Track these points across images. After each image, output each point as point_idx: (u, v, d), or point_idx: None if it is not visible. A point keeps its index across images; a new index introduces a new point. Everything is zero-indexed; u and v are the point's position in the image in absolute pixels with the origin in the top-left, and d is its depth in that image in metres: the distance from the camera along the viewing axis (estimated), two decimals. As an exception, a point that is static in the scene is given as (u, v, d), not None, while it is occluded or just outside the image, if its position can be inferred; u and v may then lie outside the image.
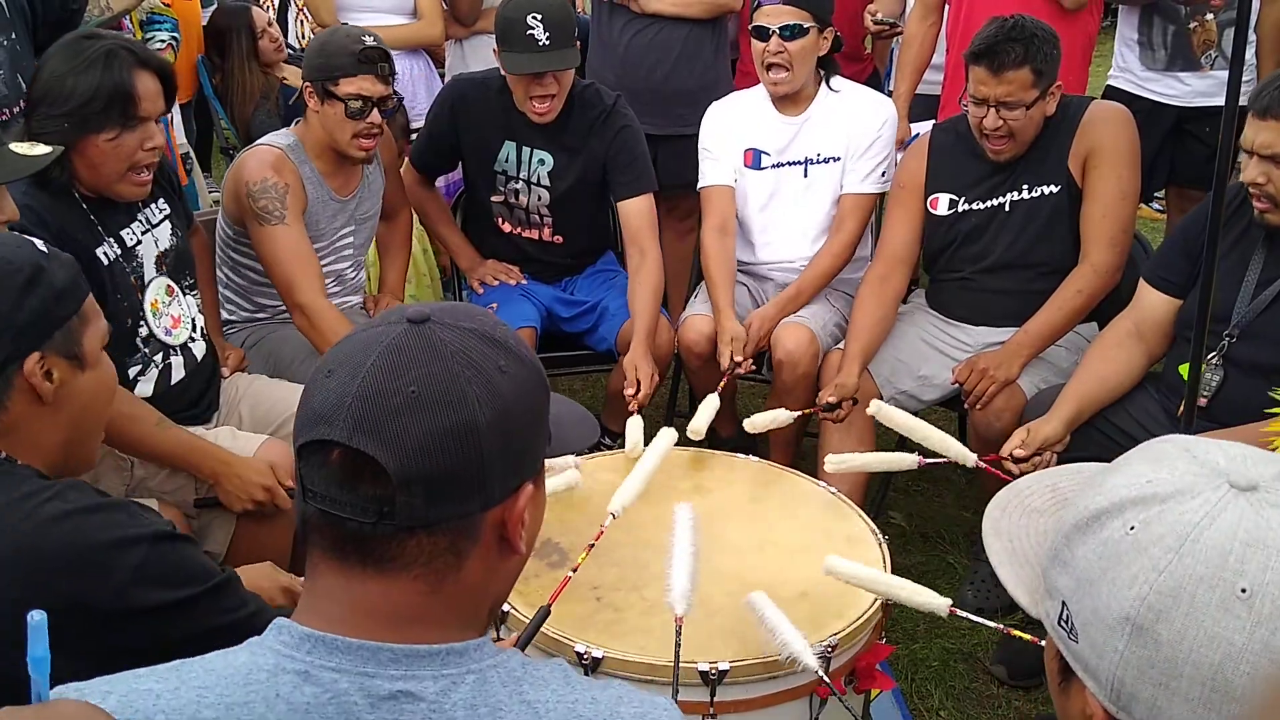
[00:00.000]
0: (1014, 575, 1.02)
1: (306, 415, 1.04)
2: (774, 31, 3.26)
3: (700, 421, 2.70)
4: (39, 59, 2.55)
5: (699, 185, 3.52)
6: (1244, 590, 0.82)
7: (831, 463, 2.45)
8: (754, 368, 3.20)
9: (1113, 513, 0.90)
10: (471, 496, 1.03)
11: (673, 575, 1.89)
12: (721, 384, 2.97)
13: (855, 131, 3.38)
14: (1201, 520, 0.85)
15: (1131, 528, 0.88)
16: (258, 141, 3.14)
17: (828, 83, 3.41)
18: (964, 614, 2.05)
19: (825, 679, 1.89)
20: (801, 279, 3.40)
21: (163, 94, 2.46)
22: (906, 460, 2.48)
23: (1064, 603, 0.92)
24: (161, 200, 2.67)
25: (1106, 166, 3.03)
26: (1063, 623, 0.92)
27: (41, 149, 2.09)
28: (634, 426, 2.67)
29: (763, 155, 3.44)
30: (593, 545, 2.09)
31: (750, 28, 3.33)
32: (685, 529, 1.97)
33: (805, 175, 3.42)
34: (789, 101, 3.40)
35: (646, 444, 2.55)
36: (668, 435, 2.42)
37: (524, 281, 3.64)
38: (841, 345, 3.26)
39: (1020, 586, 1.01)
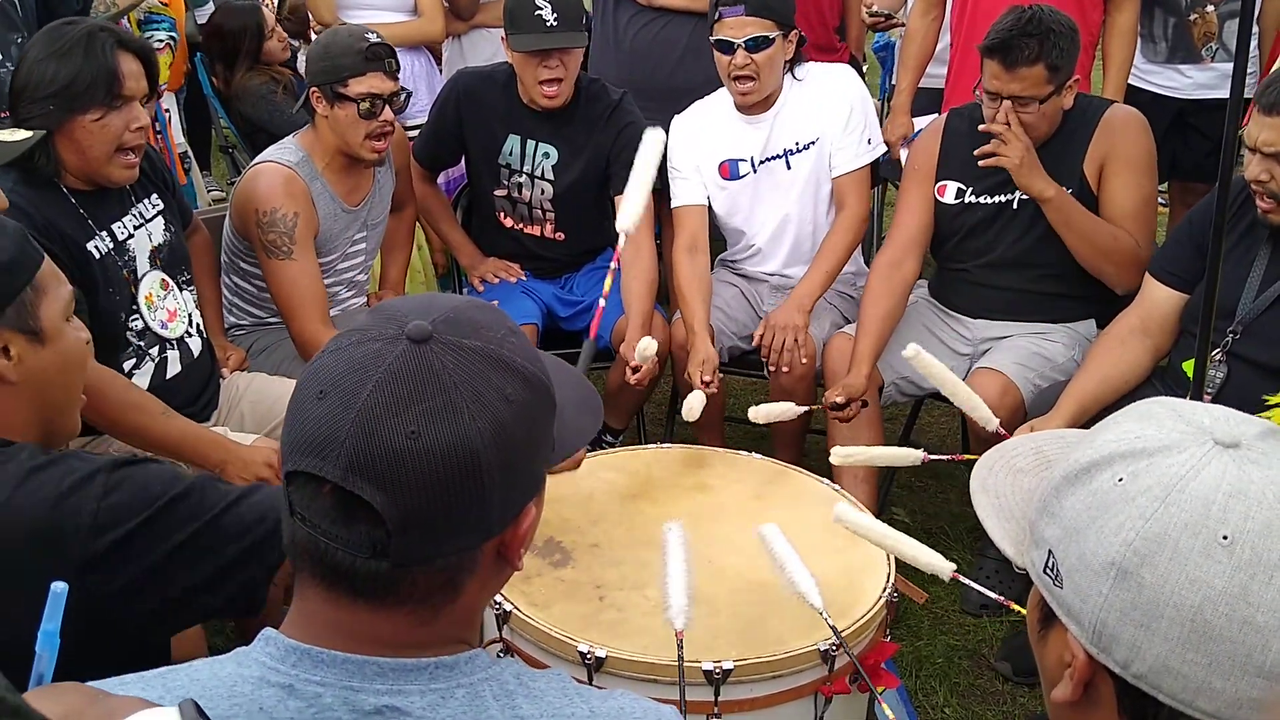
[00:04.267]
0: (1000, 528, 1.06)
1: (296, 440, 0.97)
2: (739, 45, 3.18)
3: (694, 402, 2.71)
4: None
5: (671, 204, 3.47)
6: (1226, 537, 0.87)
7: (838, 455, 2.44)
8: (715, 390, 3.07)
9: (1102, 465, 0.94)
10: (473, 532, 0.99)
11: (669, 592, 1.86)
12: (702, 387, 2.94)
13: (827, 110, 3.33)
14: (1187, 473, 0.90)
15: (1120, 479, 0.92)
16: (265, 157, 3.09)
17: (792, 73, 3.35)
18: (966, 581, 2.03)
19: (832, 626, 1.89)
20: (820, 263, 3.31)
21: (145, 75, 2.46)
22: (911, 455, 2.47)
23: (1050, 551, 0.97)
24: (155, 195, 2.66)
25: (1128, 174, 3.01)
26: (1048, 570, 0.97)
27: (22, 134, 2.09)
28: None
29: (739, 164, 3.39)
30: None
31: (712, 40, 3.24)
32: (677, 547, 1.94)
33: (789, 168, 3.38)
34: (756, 104, 3.34)
35: (650, 437, 2.55)
36: (655, 135, 2.53)
37: (524, 278, 3.63)
38: (845, 330, 3.24)
39: (1006, 538, 1.05)
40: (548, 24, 3.23)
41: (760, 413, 2.70)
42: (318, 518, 0.97)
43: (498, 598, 2.02)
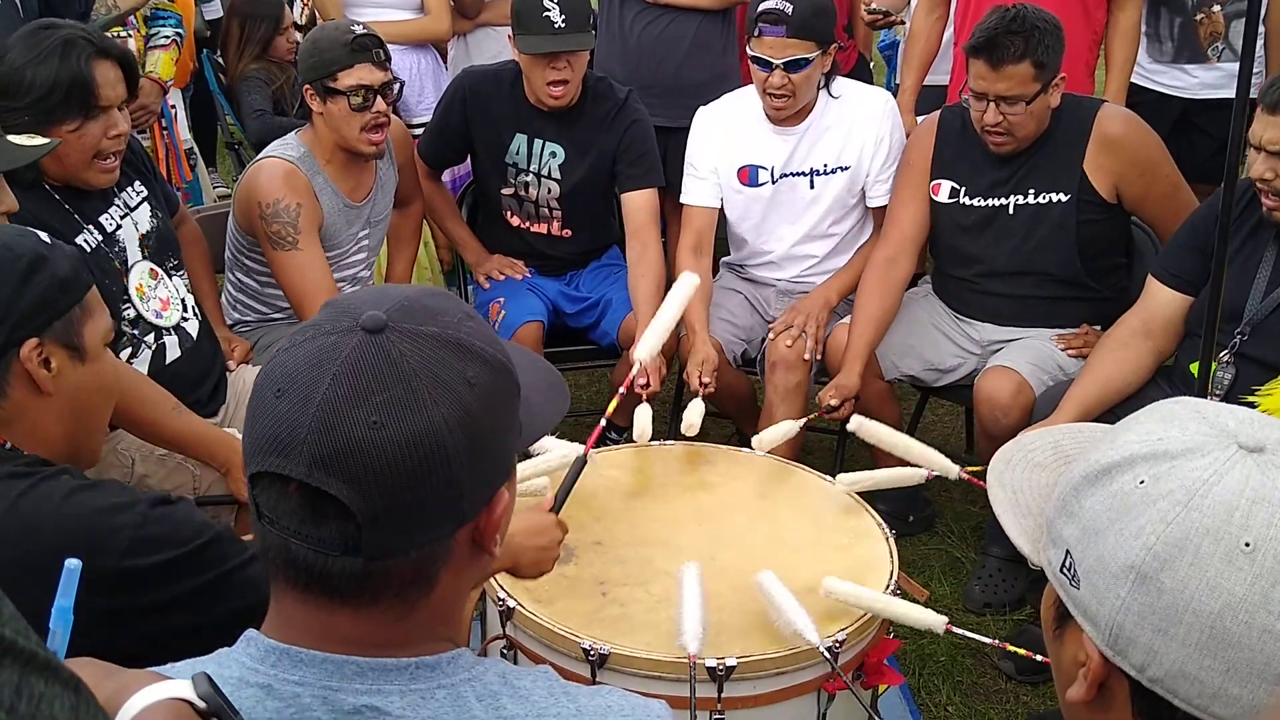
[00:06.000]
0: (1016, 524, 1.05)
1: (257, 440, 0.95)
2: (778, 65, 3.13)
3: (693, 417, 2.66)
4: None
5: (681, 199, 3.47)
6: (1248, 544, 0.85)
7: (843, 482, 2.43)
8: (712, 390, 3.07)
9: (1124, 467, 0.93)
10: (444, 520, 0.98)
11: (684, 618, 1.89)
12: (701, 394, 2.91)
13: (868, 140, 3.29)
14: (1210, 477, 0.88)
15: (1141, 481, 0.91)
16: (266, 152, 3.10)
17: (828, 89, 3.30)
18: (960, 631, 2.05)
19: (829, 659, 1.89)
20: (851, 269, 3.36)
21: (124, 80, 2.46)
22: (916, 475, 2.47)
23: (1068, 551, 0.95)
24: (138, 183, 2.67)
25: (1154, 178, 3.03)
26: (1064, 570, 0.95)
27: (40, 140, 2.10)
28: (642, 414, 2.62)
29: (759, 170, 3.36)
30: (622, 393, 2.38)
31: (749, 54, 3.19)
32: (693, 584, 1.96)
33: (812, 187, 3.35)
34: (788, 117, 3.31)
35: (654, 434, 2.56)
36: (689, 280, 2.46)
37: (529, 275, 3.64)
38: (845, 321, 3.25)
39: (1022, 535, 1.04)
40: (555, 25, 3.23)
41: (764, 440, 2.64)
42: (286, 518, 0.95)
43: (500, 594, 2.03)
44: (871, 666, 2.07)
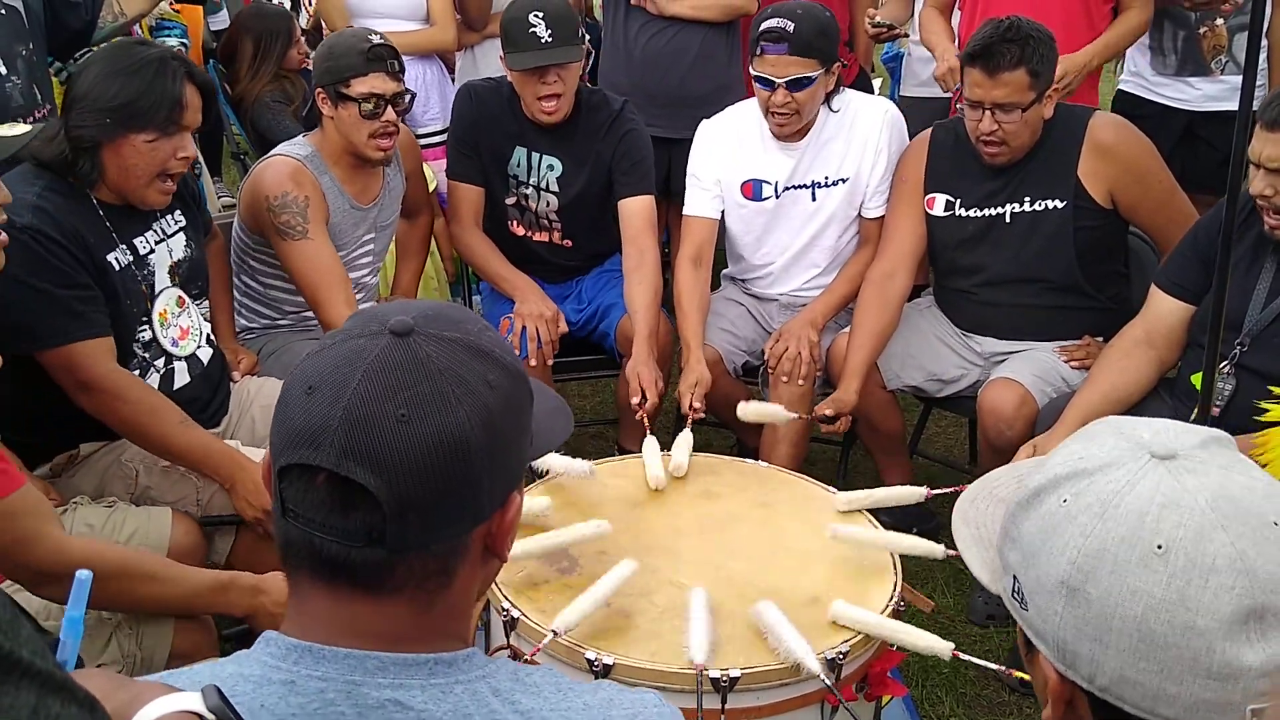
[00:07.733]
0: (978, 558, 1.09)
1: (287, 434, 0.99)
2: (780, 84, 3.12)
3: (680, 457, 2.54)
4: (66, 67, 2.58)
5: (684, 211, 3.47)
6: (1160, 546, 0.90)
7: (841, 502, 2.43)
8: (702, 415, 3.00)
9: (1050, 488, 0.98)
10: (464, 517, 1.02)
11: (692, 631, 1.90)
12: (689, 422, 2.84)
13: (867, 151, 3.30)
14: (1122, 488, 0.93)
15: (1064, 500, 0.96)
16: (274, 152, 3.12)
17: (829, 103, 3.29)
18: (967, 657, 2.05)
19: (830, 686, 1.89)
20: (838, 287, 3.36)
21: (201, 109, 2.50)
22: (915, 494, 2.46)
23: (1015, 576, 1.00)
24: (178, 211, 2.68)
25: (1148, 183, 3.04)
26: (1015, 595, 1.00)
27: (20, 129, 2.11)
28: (652, 456, 2.53)
29: (763, 185, 3.36)
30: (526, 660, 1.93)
31: (752, 74, 3.19)
32: (700, 607, 1.96)
33: (814, 199, 3.35)
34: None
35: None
36: (628, 565, 2.12)
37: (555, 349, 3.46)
38: (847, 330, 3.25)
39: (984, 569, 1.08)
40: (542, 40, 3.23)
41: (749, 410, 2.63)
42: (312, 511, 0.98)
43: (505, 604, 2.03)
44: (875, 678, 2.07)
